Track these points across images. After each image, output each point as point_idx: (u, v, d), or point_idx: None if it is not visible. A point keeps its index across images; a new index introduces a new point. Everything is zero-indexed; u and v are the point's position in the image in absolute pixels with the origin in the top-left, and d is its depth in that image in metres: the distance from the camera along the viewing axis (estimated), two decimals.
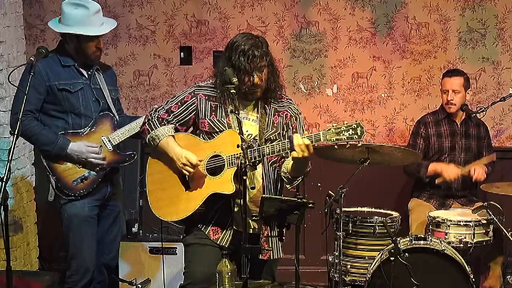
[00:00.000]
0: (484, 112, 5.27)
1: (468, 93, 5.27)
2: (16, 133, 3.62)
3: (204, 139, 3.80)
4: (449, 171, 5.13)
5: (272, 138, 3.79)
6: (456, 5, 5.79)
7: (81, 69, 4.36)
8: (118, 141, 4.37)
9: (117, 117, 4.44)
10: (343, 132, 3.55)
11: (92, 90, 4.37)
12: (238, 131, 3.59)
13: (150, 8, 5.88)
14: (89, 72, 4.38)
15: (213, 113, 3.80)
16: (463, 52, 5.81)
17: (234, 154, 3.65)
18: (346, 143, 3.58)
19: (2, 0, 5.07)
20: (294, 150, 3.57)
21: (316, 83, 5.90)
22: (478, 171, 5.14)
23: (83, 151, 4.28)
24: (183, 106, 3.83)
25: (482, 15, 5.78)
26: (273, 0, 5.83)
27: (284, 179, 3.83)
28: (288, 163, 3.78)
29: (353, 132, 3.54)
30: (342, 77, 5.89)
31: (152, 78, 5.94)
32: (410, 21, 5.82)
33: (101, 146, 4.35)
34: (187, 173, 3.74)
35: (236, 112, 3.65)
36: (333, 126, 3.56)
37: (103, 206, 4.45)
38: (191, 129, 3.91)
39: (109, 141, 4.35)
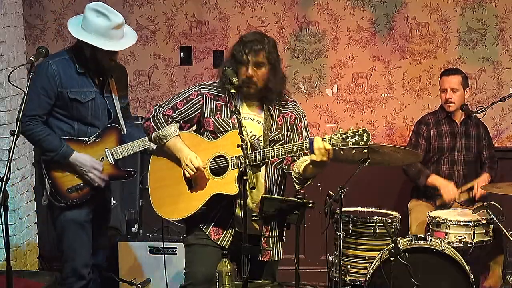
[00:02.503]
0: (484, 112, 5.27)
1: (466, 91, 5.27)
2: (16, 133, 3.60)
3: (208, 138, 3.80)
4: (448, 192, 5.13)
5: (276, 140, 3.78)
6: (456, 5, 5.79)
7: (94, 78, 4.27)
8: (121, 156, 4.34)
9: (124, 130, 4.37)
10: (349, 138, 3.53)
11: (104, 99, 4.30)
12: (238, 131, 3.58)
13: (150, 8, 5.88)
14: (101, 79, 4.30)
15: (218, 112, 3.79)
16: (463, 52, 5.81)
17: (238, 155, 3.63)
18: (352, 149, 3.57)
19: (2, 0, 5.07)
20: (314, 153, 3.55)
21: (316, 83, 5.90)
22: (480, 190, 5.14)
23: (87, 164, 4.23)
24: (189, 104, 3.82)
25: (482, 15, 5.78)
26: (273, 0, 5.83)
27: (295, 180, 3.80)
28: (301, 164, 3.75)
29: (359, 138, 3.53)
30: (342, 77, 5.89)
31: (152, 78, 5.94)
32: (410, 21, 5.82)
33: (102, 158, 4.31)
34: (187, 175, 3.74)
35: (236, 112, 3.64)
36: (339, 131, 3.55)
37: (97, 210, 4.40)
38: (194, 126, 3.91)
39: (112, 154, 4.32)
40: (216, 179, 3.72)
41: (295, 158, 3.81)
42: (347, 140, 3.53)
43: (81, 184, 4.26)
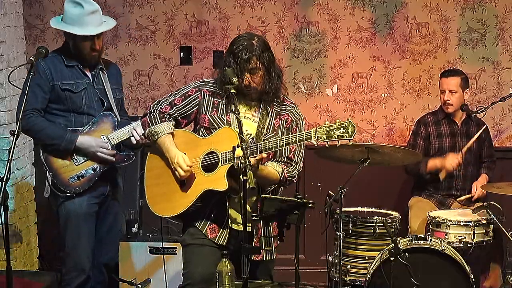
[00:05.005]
0: (484, 112, 5.27)
1: (466, 93, 5.27)
2: (16, 133, 3.61)
3: (203, 134, 3.82)
4: (449, 161, 5.13)
5: None
6: (456, 5, 5.79)
7: (84, 70, 4.37)
8: (118, 141, 4.38)
9: (118, 117, 4.44)
10: (334, 130, 3.55)
11: (96, 90, 4.39)
12: (238, 131, 3.58)
13: (150, 8, 5.88)
14: (93, 72, 4.40)
15: (214, 109, 3.81)
16: (463, 52, 5.81)
17: (229, 151, 3.66)
18: (337, 142, 3.57)
19: (2, 0, 5.07)
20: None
21: (316, 83, 5.90)
22: (479, 190, 5.15)
23: (92, 144, 4.30)
24: (187, 100, 3.84)
25: (482, 15, 5.78)
26: (273, 0, 5.83)
27: None
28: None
29: (344, 131, 3.55)
30: (342, 77, 5.89)
31: (152, 78, 5.94)
32: (410, 21, 5.82)
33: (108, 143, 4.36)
34: (179, 175, 3.76)
35: (237, 112, 3.65)
36: (324, 124, 3.57)
37: (102, 205, 4.45)
38: (192, 123, 3.93)
39: (109, 140, 4.36)
40: (207, 175, 3.74)
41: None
42: (332, 132, 3.55)
43: (82, 172, 4.32)
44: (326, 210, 4.42)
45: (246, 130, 3.77)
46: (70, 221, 4.34)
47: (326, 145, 3.60)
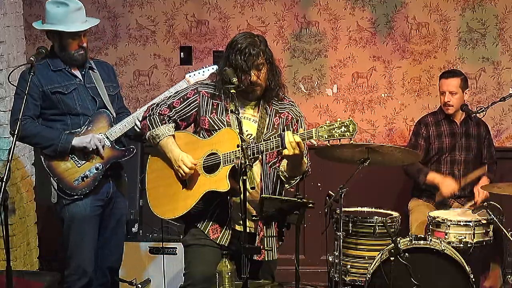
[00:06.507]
0: (484, 112, 5.27)
1: (466, 93, 5.27)
2: (16, 132, 3.62)
3: (203, 136, 3.82)
4: (447, 186, 5.12)
5: (271, 139, 3.79)
6: (456, 5, 5.79)
7: (73, 71, 4.36)
8: (116, 137, 4.36)
9: (113, 113, 4.42)
10: (336, 129, 3.56)
11: (87, 89, 4.37)
12: (238, 131, 3.59)
13: (150, 8, 5.88)
14: (82, 72, 4.39)
15: (214, 111, 3.82)
16: (463, 52, 5.81)
17: (230, 152, 3.67)
18: (338, 140, 3.58)
19: (2, 0, 5.07)
20: (286, 148, 3.58)
21: (316, 83, 5.90)
22: (481, 194, 5.13)
23: (88, 139, 4.27)
24: (185, 102, 3.85)
25: (482, 15, 5.78)
26: (273, 0, 5.83)
27: (282, 178, 3.84)
28: (285, 162, 3.79)
29: (345, 130, 3.56)
30: (342, 77, 5.89)
31: (152, 78, 5.94)
32: (410, 21, 5.82)
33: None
34: (181, 175, 3.76)
35: (236, 112, 3.66)
36: (326, 123, 3.57)
37: (107, 206, 4.44)
38: (192, 125, 3.93)
39: (107, 137, 4.36)
40: (208, 176, 3.75)
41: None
42: (333, 131, 3.56)
43: (86, 173, 4.31)
44: (326, 210, 4.42)
45: (247, 130, 3.78)
46: (74, 224, 4.33)
47: (328, 144, 3.61)
